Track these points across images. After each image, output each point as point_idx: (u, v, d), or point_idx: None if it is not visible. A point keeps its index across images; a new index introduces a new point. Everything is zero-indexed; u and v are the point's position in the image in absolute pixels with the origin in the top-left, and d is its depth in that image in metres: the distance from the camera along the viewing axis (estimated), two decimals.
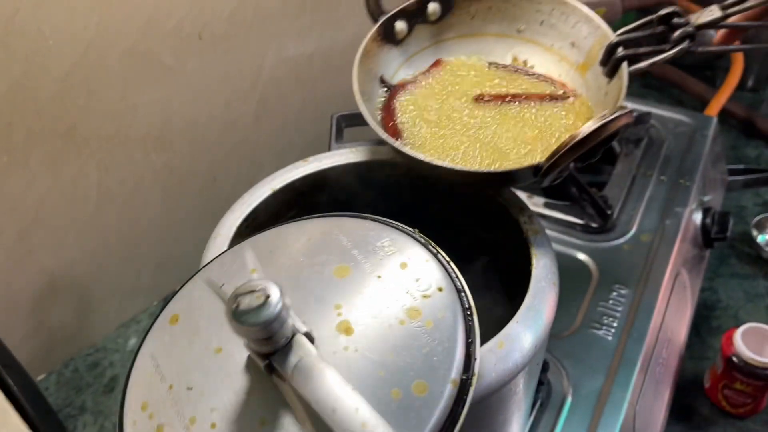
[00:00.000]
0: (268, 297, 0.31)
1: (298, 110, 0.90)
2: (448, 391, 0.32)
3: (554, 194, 0.77)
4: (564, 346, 0.62)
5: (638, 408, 0.58)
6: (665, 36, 0.50)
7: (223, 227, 0.46)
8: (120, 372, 0.78)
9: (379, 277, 0.38)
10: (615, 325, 0.63)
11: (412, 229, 0.41)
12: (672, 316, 0.68)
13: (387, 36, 0.58)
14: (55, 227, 0.70)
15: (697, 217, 0.78)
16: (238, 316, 0.31)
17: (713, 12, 0.49)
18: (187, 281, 0.42)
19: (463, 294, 0.37)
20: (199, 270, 0.42)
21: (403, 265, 0.38)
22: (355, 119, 0.57)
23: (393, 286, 0.37)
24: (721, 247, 0.90)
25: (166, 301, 0.41)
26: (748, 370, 0.68)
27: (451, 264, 0.39)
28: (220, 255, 0.43)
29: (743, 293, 0.85)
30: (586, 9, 0.55)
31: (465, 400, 0.33)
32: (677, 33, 0.49)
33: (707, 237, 0.78)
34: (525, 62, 0.58)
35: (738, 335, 0.69)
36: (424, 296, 0.36)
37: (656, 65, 0.50)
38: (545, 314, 0.41)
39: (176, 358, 0.38)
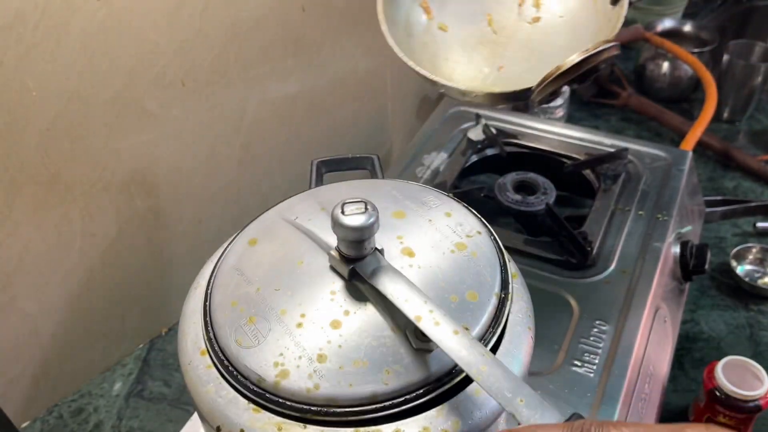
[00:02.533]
0: (367, 207, 0.39)
1: (281, 152, 0.91)
2: (493, 300, 0.42)
3: (534, 231, 0.78)
4: (546, 384, 0.62)
5: None
6: None
7: (203, 277, 0.47)
8: (105, 418, 0.77)
9: (430, 220, 0.47)
10: (596, 361, 0.64)
11: (448, 193, 0.51)
12: (653, 351, 0.68)
13: None
14: (39, 273, 0.70)
15: (676, 250, 0.79)
16: (344, 218, 0.38)
17: None
18: (255, 219, 0.49)
19: (495, 238, 0.46)
20: (269, 209, 0.50)
21: (448, 214, 0.48)
22: (334, 164, 0.58)
23: (442, 227, 0.46)
24: (701, 279, 0.91)
25: (241, 229, 0.48)
26: (730, 403, 0.69)
27: (484, 219, 0.48)
28: (285, 200, 0.51)
29: (725, 324, 0.85)
30: None
31: (504, 310, 0.42)
32: None
33: (686, 270, 0.79)
34: None
35: (719, 368, 0.70)
36: (468, 236, 0.46)
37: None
38: (521, 359, 0.41)
39: (261, 268, 0.44)
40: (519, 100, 0.57)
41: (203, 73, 0.76)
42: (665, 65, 1.24)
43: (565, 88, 1.14)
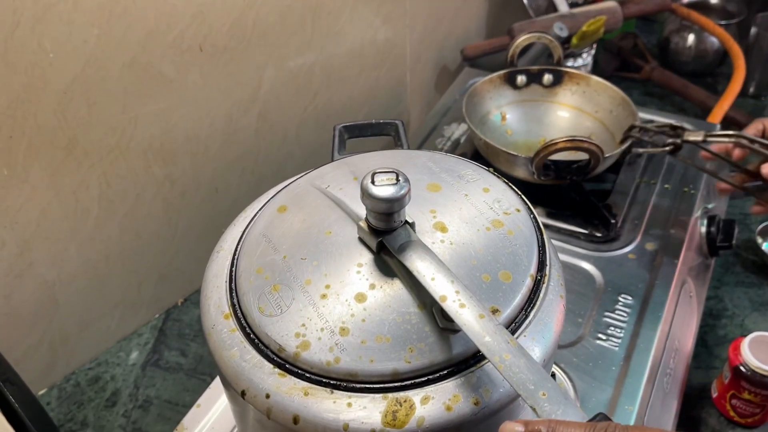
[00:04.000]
0: (399, 178, 0.37)
1: (298, 122, 0.90)
2: (528, 282, 0.40)
3: (558, 203, 0.77)
4: (570, 356, 0.61)
5: (646, 420, 0.57)
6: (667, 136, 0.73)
7: (226, 241, 0.46)
8: (122, 386, 0.77)
9: (466, 195, 0.45)
10: (621, 335, 0.63)
11: (487, 167, 0.49)
12: (679, 326, 0.67)
13: (510, 80, 0.90)
14: (56, 240, 0.70)
15: (702, 225, 0.77)
16: (373, 189, 0.37)
17: (699, 135, 0.70)
18: (287, 185, 0.48)
19: (535, 217, 0.45)
20: (301, 176, 0.49)
21: (486, 190, 0.46)
22: (357, 130, 0.56)
23: (478, 202, 0.45)
24: (726, 255, 0.89)
25: (270, 197, 0.48)
26: (756, 379, 0.67)
27: (524, 196, 0.46)
28: (318, 168, 0.49)
29: (749, 301, 0.84)
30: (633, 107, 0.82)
31: (539, 293, 0.40)
32: (669, 140, 0.72)
33: (712, 245, 0.77)
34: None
35: (745, 344, 0.68)
36: (505, 213, 0.44)
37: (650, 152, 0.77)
38: (553, 327, 0.40)
39: (288, 236, 0.43)
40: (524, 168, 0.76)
41: (221, 38, 0.74)
42: (690, 38, 1.21)
43: (588, 60, 1.11)
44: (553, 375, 0.57)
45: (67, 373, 0.78)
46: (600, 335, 0.62)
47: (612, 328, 0.63)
